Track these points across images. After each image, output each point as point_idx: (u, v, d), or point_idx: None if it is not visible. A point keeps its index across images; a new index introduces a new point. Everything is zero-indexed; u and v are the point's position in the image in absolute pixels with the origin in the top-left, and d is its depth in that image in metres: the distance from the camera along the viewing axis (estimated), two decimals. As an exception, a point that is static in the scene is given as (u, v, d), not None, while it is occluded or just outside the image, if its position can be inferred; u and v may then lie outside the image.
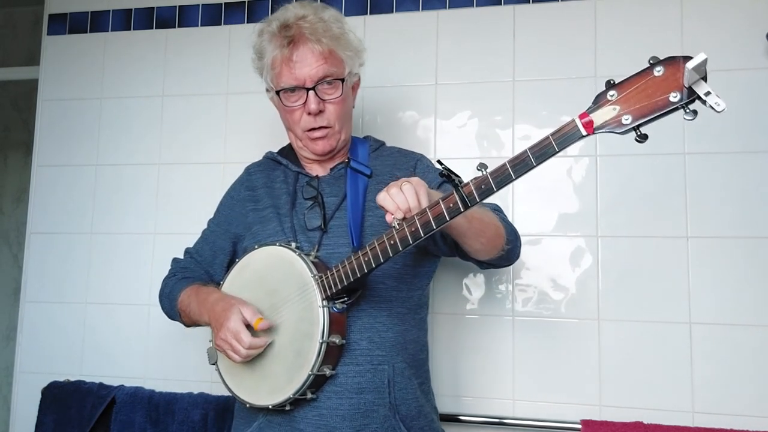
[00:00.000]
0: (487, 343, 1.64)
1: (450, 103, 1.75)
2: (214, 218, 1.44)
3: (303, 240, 1.24)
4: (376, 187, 1.26)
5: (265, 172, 1.38)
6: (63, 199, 1.97)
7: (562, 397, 1.58)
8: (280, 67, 1.26)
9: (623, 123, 0.87)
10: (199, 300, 1.28)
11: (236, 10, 1.93)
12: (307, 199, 1.29)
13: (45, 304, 1.94)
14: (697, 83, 0.83)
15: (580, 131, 0.89)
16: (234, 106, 1.89)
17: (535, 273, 1.64)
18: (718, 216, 1.56)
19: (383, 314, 1.21)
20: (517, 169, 0.93)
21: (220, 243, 1.39)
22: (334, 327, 1.13)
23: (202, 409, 1.69)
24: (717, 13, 1.61)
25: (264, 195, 1.34)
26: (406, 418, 1.20)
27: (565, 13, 1.70)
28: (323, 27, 1.25)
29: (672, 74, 0.85)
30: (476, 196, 0.97)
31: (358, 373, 1.17)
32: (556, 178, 1.66)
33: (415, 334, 1.28)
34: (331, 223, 1.25)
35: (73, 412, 1.75)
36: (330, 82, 1.26)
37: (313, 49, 1.23)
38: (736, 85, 1.58)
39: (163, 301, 1.41)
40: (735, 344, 1.51)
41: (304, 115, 1.27)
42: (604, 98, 0.89)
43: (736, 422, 1.46)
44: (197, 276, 1.39)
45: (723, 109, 0.82)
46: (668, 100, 0.85)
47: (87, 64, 2.01)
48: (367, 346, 1.18)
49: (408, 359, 1.24)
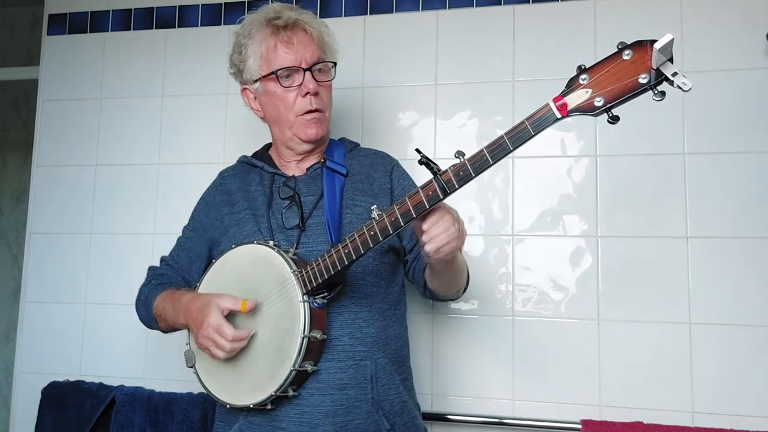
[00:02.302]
0: (487, 343, 1.64)
1: (450, 103, 1.75)
2: (188, 225, 1.44)
3: (281, 239, 1.24)
4: (352, 186, 1.29)
5: (239, 176, 1.38)
6: (63, 199, 1.97)
7: (562, 397, 1.58)
8: (276, 50, 1.27)
9: (596, 105, 0.91)
10: (173, 302, 1.27)
11: (236, 10, 1.92)
12: (284, 199, 1.29)
13: (45, 304, 1.94)
14: (665, 65, 0.86)
15: (555, 114, 0.93)
16: (233, 106, 1.88)
17: (535, 273, 1.64)
18: (718, 216, 1.56)
19: (364, 310, 1.22)
20: (494, 154, 0.96)
21: (196, 249, 1.38)
22: (315, 322, 1.13)
23: (202, 410, 1.68)
24: (717, 13, 1.61)
25: (240, 198, 1.33)
26: (389, 413, 1.20)
27: (565, 13, 1.70)
28: (309, 17, 1.31)
29: (640, 57, 0.89)
30: (455, 182, 0.98)
31: (340, 369, 1.17)
32: (556, 178, 1.66)
33: (396, 330, 1.29)
34: (309, 221, 1.25)
35: (73, 413, 1.75)
36: (323, 67, 1.29)
37: (308, 32, 1.28)
38: (736, 85, 1.58)
39: (140, 309, 1.39)
40: (735, 344, 1.51)
41: (299, 97, 1.27)
42: (576, 82, 0.92)
43: (736, 422, 1.46)
44: (174, 281, 1.37)
45: (690, 88, 0.85)
46: (637, 81, 0.88)
47: (87, 64, 2.01)
48: (349, 341, 1.18)
49: (390, 355, 1.24)
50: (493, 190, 1.69)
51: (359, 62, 1.80)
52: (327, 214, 1.23)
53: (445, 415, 1.62)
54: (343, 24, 1.83)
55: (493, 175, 1.69)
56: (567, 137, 1.67)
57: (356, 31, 1.83)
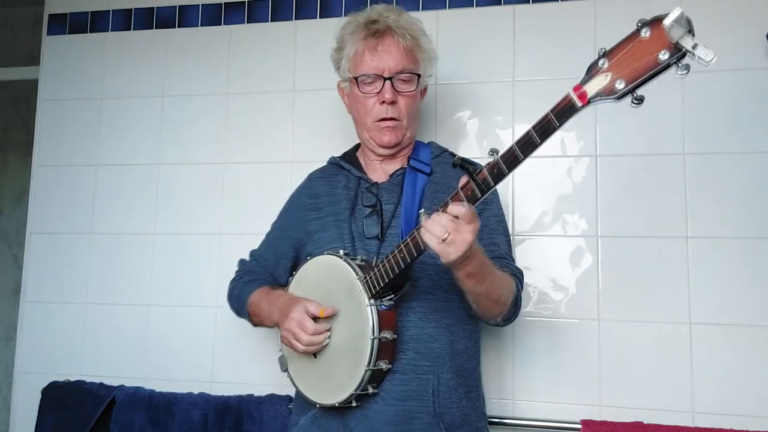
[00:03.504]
0: (488, 344, 1.64)
1: (450, 103, 1.75)
2: (276, 222, 1.51)
3: (360, 247, 1.29)
4: (433, 188, 1.31)
5: (327, 179, 1.43)
6: (63, 199, 1.97)
7: (562, 397, 1.58)
8: (363, 55, 1.31)
9: (617, 88, 0.88)
10: (270, 300, 1.36)
11: (236, 10, 1.93)
12: (367, 206, 1.33)
13: (45, 304, 1.94)
14: (684, 38, 0.83)
15: (576, 104, 0.91)
16: (234, 106, 1.89)
17: (535, 273, 1.64)
18: (718, 216, 1.56)
19: (431, 326, 1.25)
20: (524, 149, 0.96)
21: (282, 248, 1.45)
22: (384, 323, 1.18)
23: (202, 410, 1.68)
24: (717, 13, 1.61)
25: (326, 202, 1.39)
26: (450, 426, 1.22)
27: (565, 13, 1.70)
28: (407, 25, 1.33)
29: (659, 34, 0.86)
30: (490, 180, 0.99)
31: (403, 382, 1.21)
32: (556, 178, 1.66)
33: (464, 345, 1.30)
34: (388, 231, 1.29)
35: (73, 413, 1.75)
36: (406, 77, 1.32)
37: (397, 43, 1.30)
38: (736, 85, 1.58)
39: (233, 302, 1.49)
40: (735, 344, 1.51)
41: (377, 104, 1.32)
42: (595, 68, 0.91)
43: (736, 422, 1.46)
44: (263, 279, 1.46)
45: (711, 59, 0.82)
46: (657, 58, 0.85)
47: (87, 64, 2.01)
48: (414, 356, 1.22)
49: (455, 369, 1.26)
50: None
51: (359, 62, 1.80)
52: (402, 224, 1.27)
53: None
54: (343, 24, 1.83)
55: (493, 175, 1.69)
56: (567, 137, 1.67)
57: (356, 31, 1.82)
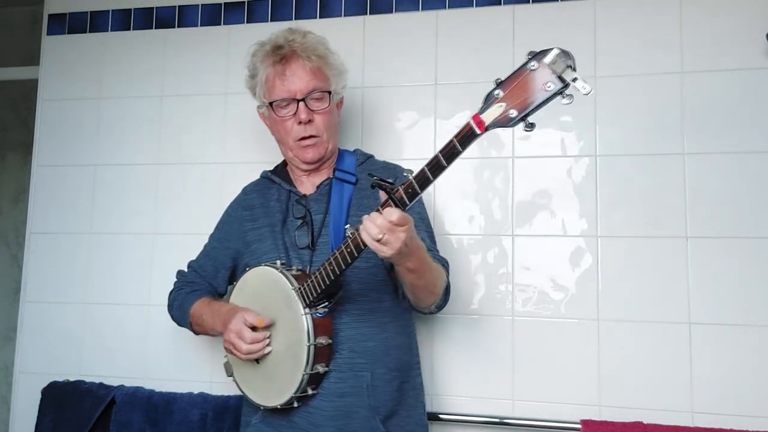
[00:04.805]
0: (487, 343, 1.64)
1: (450, 103, 1.75)
2: (214, 233, 1.56)
3: (294, 257, 1.36)
4: (360, 194, 1.39)
5: (261, 191, 1.49)
6: (63, 199, 1.97)
7: (562, 397, 1.58)
8: (273, 81, 1.38)
9: (510, 117, 0.95)
10: (212, 312, 1.41)
11: (236, 10, 1.92)
12: (297, 218, 1.39)
13: (45, 304, 1.94)
14: (565, 71, 0.91)
15: (475, 131, 0.97)
16: (233, 106, 1.89)
17: (535, 273, 1.64)
18: (718, 216, 1.56)
19: (365, 326, 1.32)
20: (434, 171, 1.02)
21: (221, 259, 1.51)
22: (319, 330, 1.25)
23: (201, 409, 1.68)
24: (717, 13, 1.61)
25: (261, 213, 1.45)
26: (385, 417, 1.31)
27: (564, 13, 1.70)
28: (312, 46, 1.39)
29: (543, 68, 0.92)
30: (406, 199, 1.06)
31: (340, 380, 1.29)
32: (556, 178, 1.66)
33: (399, 340, 1.38)
34: (318, 240, 1.36)
35: (73, 413, 1.75)
36: (318, 96, 1.38)
37: (303, 65, 1.37)
38: (736, 85, 1.58)
39: (173, 312, 1.54)
40: (735, 344, 1.51)
41: (295, 125, 1.38)
42: (492, 97, 0.96)
43: (736, 422, 1.46)
44: (203, 289, 1.51)
45: (588, 91, 0.89)
46: (544, 90, 0.92)
47: (86, 64, 2.01)
48: (349, 354, 1.30)
49: (390, 364, 1.34)
50: (493, 190, 1.69)
51: (359, 62, 1.80)
52: (332, 232, 1.34)
53: (446, 414, 1.62)
54: (343, 24, 1.83)
55: (493, 175, 1.69)
56: (567, 137, 1.67)
57: (356, 31, 1.83)
